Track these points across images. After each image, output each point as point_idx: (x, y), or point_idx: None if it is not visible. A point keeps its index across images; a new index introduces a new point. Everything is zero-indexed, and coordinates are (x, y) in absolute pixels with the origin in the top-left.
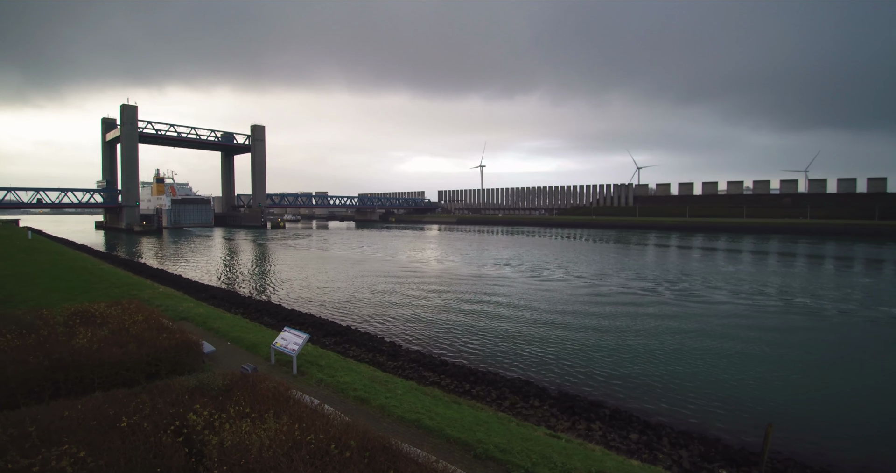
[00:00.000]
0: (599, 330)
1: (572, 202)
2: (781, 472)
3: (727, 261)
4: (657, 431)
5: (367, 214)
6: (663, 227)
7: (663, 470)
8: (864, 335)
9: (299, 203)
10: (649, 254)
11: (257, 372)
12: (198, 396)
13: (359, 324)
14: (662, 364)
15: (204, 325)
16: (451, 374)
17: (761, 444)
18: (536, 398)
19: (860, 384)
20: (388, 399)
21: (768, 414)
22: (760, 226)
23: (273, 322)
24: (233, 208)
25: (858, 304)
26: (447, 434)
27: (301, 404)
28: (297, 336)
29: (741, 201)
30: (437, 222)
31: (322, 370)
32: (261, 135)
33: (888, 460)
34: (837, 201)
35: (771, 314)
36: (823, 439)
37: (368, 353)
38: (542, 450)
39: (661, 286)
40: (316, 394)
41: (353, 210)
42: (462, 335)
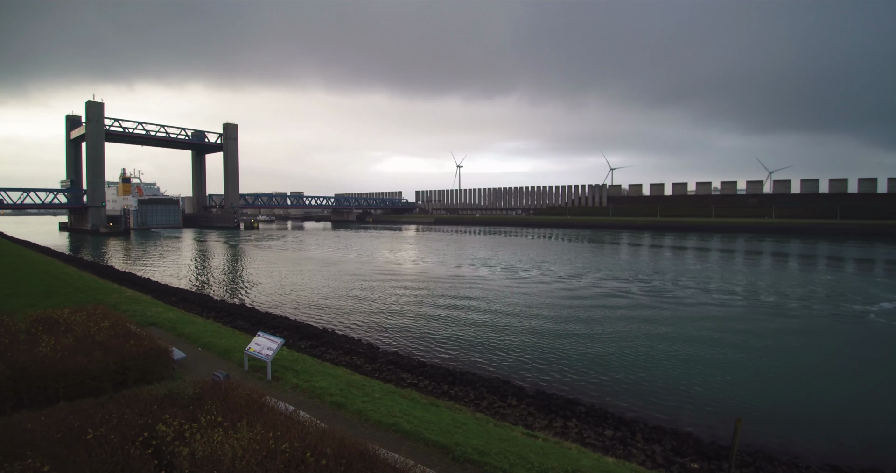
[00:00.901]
0: (574, 329)
1: (548, 203)
2: (751, 464)
3: (696, 260)
4: (631, 427)
5: (343, 214)
6: (636, 227)
7: (637, 466)
8: (827, 331)
9: (274, 203)
10: (622, 253)
11: (230, 379)
12: (167, 405)
13: (335, 326)
14: (635, 361)
15: (174, 330)
16: (430, 375)
17: (731, 438)
18: (514, 397)
19: (825, 378)
20: (366, 404)
21: (737, 409)
22: (728, 225)
23: (247, 326)
24: (204, 208)
25: (822, 301)
26: (425, 438)
27: (276, 411)
28: (271, 341)
29: (710, 201)
30: (414, 223)
31: (297, 375)
32: (233, 133)
33: (852, 450)
34: (801, 201)
35: (738, 311)
36: (790, 432)
37: (345, 355)
38: (520, 450)
39: (633, 285)
40: (291, 400)
41: (330, 211)
42: (440, 336)
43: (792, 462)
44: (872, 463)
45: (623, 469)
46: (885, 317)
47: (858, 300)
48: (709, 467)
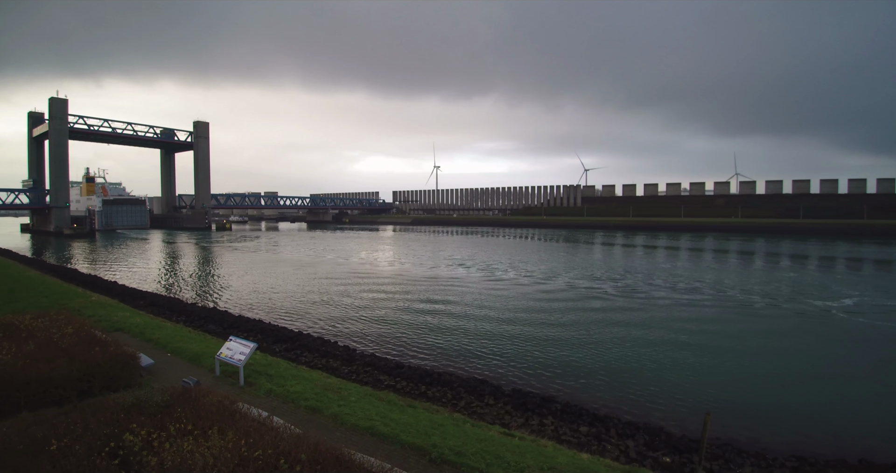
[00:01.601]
0: (550, 328)
1: (524, 203)
2: (720, 457)
3: (667, 259)
4: (605, 423)
5: (319, 214)
6: (609, 226)
7: (611, 462)
8: (792, 327)
9: (247, 204)
10: (596, 252)
11: (200, 386)
12: (135, 414)
13: (311, 329)
14: (609, 359)
15: (142, 336)
16: (407, 377)
17: (701, 432)
18: (491, 396)
19: (789, 373)
20: (342, 407)
21: (706, 403)
22: (696, 225)
23: (219, 330)
24: (174, 208)
25: (786, 298)
26: (402, 440)
27: (248, 417)
28: (243, 345)
29: (679, 201)
30: (391, 223)
31: (271, 379)
32: (204, 132)
33: (816, 441)
34: (765, 202)
35: (706, 309)
36: (757, 424)
37: (321, 358)
38: (497, 450)
39: (606, 285)
40: (265, 406)
41: (305, 211)
42: (418, 337)
43: (759, 454)
44: (836, 454)
45: (598, 465)
46: (847, 313)
47: (821, 297)
48: (680, 460)
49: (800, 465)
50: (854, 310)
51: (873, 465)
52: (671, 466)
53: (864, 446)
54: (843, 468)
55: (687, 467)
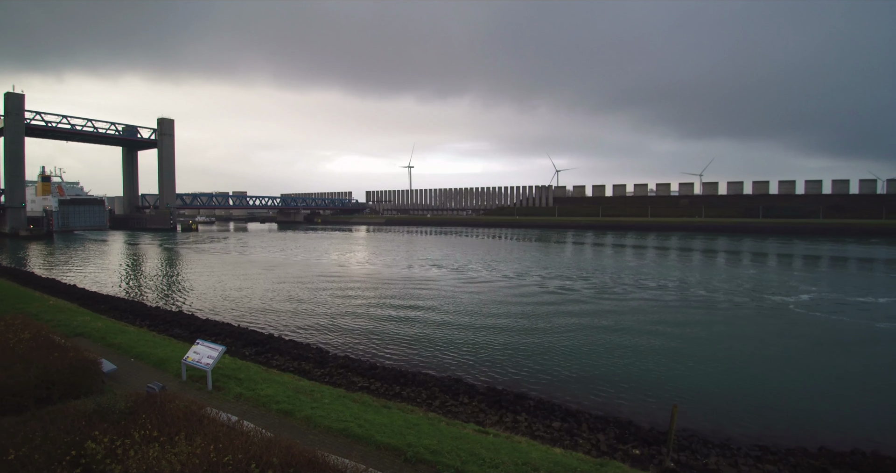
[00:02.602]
0: (523, 327)
1: (498, 203)
2: (687, 448)
3: (634, 257)
4: (577, 418)
5: (290, 215)
6: (579, 226)
7: (583, 455)
8: (753, 322)
9: (214, 204)
10: (567, 252)
11: (166, 391)
12: (97, 421)
13: (283, 331)
14: (580, 356)
15: (103, 341)
16: (382, 378)
17: (668, 424)
18: (466, 395)
19: (751, 365)
20: (315, 410)
21: (673, 396)
22: (662, 224)
23: (185, 334)
24: (137, 209)
25: (747, 294)
26: (377, 441)
27: (217, 422)
28: (211, 349)
29: (646, 201)
30: (365, 223)
31: (241, 383)
32: (169, 129)
33: (778, 431)
34: (727, 202)
35: (672, 305)
36: (722, 415)
37: (293, 361)
38: (471, 447)
39: (576, 283)
40: (234, 410)
41: (276, 211)
42: (392, 338)
43: (724, 444)
44: (796, 443)
45: (570, 458)
46: (804, 308)
47: (779, 293)
48: (649, 452)
49: (762, 454)
50: (810, 305)
51: (831, 452)
52: (641, 458)
53: (822, 435)
54: (803, 455)
55: (656, 458)
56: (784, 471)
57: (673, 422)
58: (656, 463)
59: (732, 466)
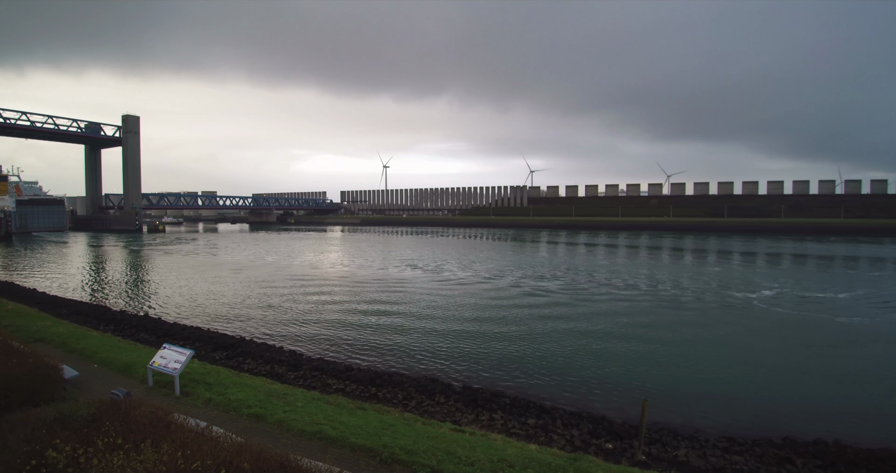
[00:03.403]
0: (498, 326)
1: (473, 203)
2: (658, 441)
3: (606, 256)
4: (552, 414)
5: (262, 215)
6: (553, 226)
7: (558, 451)
8: (718, 318)
9: (182, 204)
10: (541, 251)
11: (131, 397)
12: (58, 429)
13: (255, 335)
14: (554, 353)
15: (65, 346)
16: (357, 379)
17: (640, 418)
18: (442, 394)
19: (718, 360)
20: (287, 413)
21: (644, 391)
22: (632, 224)
23: (152, 339)
24: (100, 209)
25: (713, 291)
26: (351, 443)
27: (185, 428)
28: (179, 353)
29: (617, 202)
30: (339, 224)
31: (210, 388)
32: (134, 126)
33: (744, 423)
34: (694, 202)
35: (641, 302)
36: (691, 409)
37: (266, 365)
38: (447, 447)
39: (550, 283)
40: (203, 416)
41: (247, 212)
42: (368, 339)
43: (693, 437)
44: (762, 434)
45: (545, 454)
46: (766, 303)
47: (744, 289)
48: (621, 446)
49: (730, 445)
50: (773, 301)
51: (795, 442)
52: (613, 452)
53: (786, 425)
54: (768, 446)
55: (628, 452)
56: (751, 461)
57: (644, 416)
58: (628, 457)
59: (701, 457)
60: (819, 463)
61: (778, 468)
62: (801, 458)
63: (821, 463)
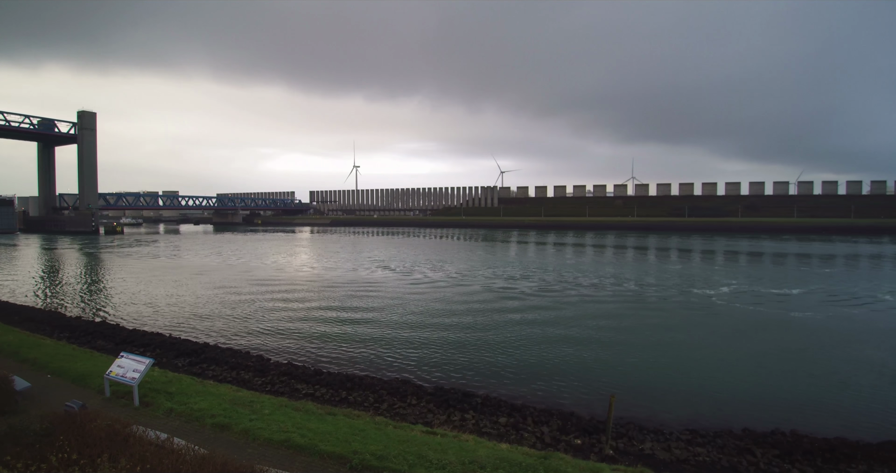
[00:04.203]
0: (469, 326)
1: (444, 203)
2: (624, 435)
3: (574, 255)
4: (522, 412)
5: (227, 216)
6: (523, 226)
7: (528, 449)
8: (680, 315)
9: (142, 204)
10: (511, 251)
11: (87, 409)
12: (9, 444)
13: (219, 340)
14: (524, 351)
15: (16, 356)
16: (327, 383)
17: (607, 413)
18: (414, 396)
19: (680, 355)
20: (254, 422)
21: (611, 387)
22: (599, 223)
23: (109, 346)
24: (54, 210)
25: (675, 288)
26: (320, 450)
27: (144, 441)
28: (137, 362)
29: (584, 202)
30: (309, 224)
31: (172, 397)
32: (90, 123)
33: (705, 416)
34: (656, 202)
35: (607, 300)
36: (656, 403)
37: (231, 371)
38: (419, 450)
39: (520, 283)
40: (164, 427)
41: (211, 212)
42: (338, 342)
43: (658, 430)
44: (722, 425)
45: (516, 453)
46: (725, 299)
47: (703, 286)
48: (590, 441)
49: (693, 437)
50: (731, 297)
51: (754, 433)
52: (582, 447)
53: (745, 417)
54: (729, 437)
55: (596, 447)
56: (712, 452)
57: (611, 412)
58: (597, 452)
59: (666, 450)
60: (777, 453)
61: (738, 458)
62: (760, 448)
63: (779, 453)
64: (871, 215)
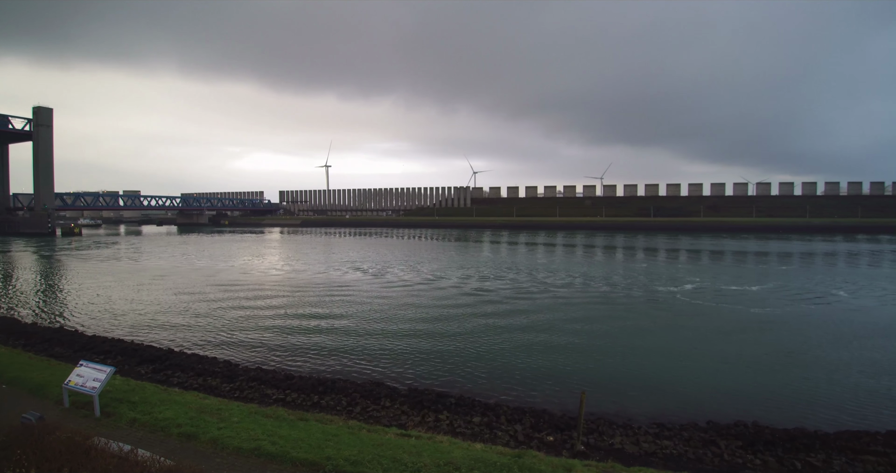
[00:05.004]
0: (443, 326)
1: (417, 203)
2: (595, 431)
3: (544, 255)
4: (496, 411)
5: (192, 216)
6: (496, 226)
7: (502, 447)
8: (646, 311)
9: (101, 204)
10: (484, 251)
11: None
12: None
13: (184, 346)
14: (497, 351)
15: None
16: (298, 388)
17: (578, 410)
18: (388, 398)
19: (647, 350)
20: (222, 430)
21: (582, 383)
22: (569, 223)
23: (68, 354)
24: (7, 210)
25: (641, 286)
26: (292, 457)
27: (107, 453)
28: (98, 370)
29: (555, 202)
30: (279, 225)
31: (135, 407)
32: (46, 119)
33: (671, 409)
34: (624, 203)
35: (577, 299)
36: (624, 398)
37: (198, 378)
38: (393, 453)
39: (492, 282)
40: (128, 438)
41: (176, 213)
42: (309, 346)
43: (627, 425)
44: (688, 418)
45: (490, 453)
46: (688, 296)
47: (667, 284)
48: (562, 438)
49: (660, 430)
50: (694, 295)
51: (717, 425)
52: (554, 444)
53: (709, 410)
54: (694, 430)
55: (568, 443)
56: (679, 445)
57: (582, 408)
58: (568, 448)
59: (635, 444)
60: (740, 444)
61: (703, 450)
62: (724, 440)
63: (741, 444)
64: (825, 215)
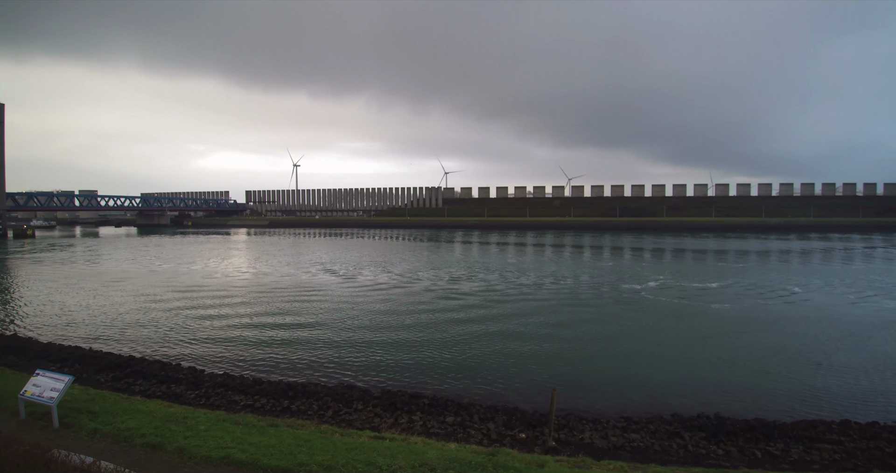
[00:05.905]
0: (415, 328)
1: (389, 204)
2: (566, 426)
3: (515, 254)
4: (469, 410)
5: (153, 217)
6: (467, 226)
7: (476, 446)
8: (612, 308)
9: (55, 205)
10: (456, 251)
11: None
12: None
13: (146, 352)
14: (469, 350)
15: None
16: (267, 393)
17: (549, 406)
18: (360, 401)
19: (613, 347)
20: (189, 439)
21: (553, 380)
22: (538, 223)
23: (22, 363)
24: None
25: (607, 284)
26: (263, 465)
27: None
28: (55, 380)
29: (525, 203)
30: (245, 226)
31: (96, 417)
32: None
33: (638, 403)
34: (591, 203)
35: (546, 297)
36: (593, 393)
37: (161, 385)
38: (367, 457)
39: (463, 283)
40: (89, 450)
41: (135, 213)
42: (278, 350)
43: (596, 420)
44: (654, 411)
45: (464, 452)
46: (652, 293)
47: (632, 282)
48: (534, 434)
49: (627, 424)
50: (658, 292)
51: (682, 417)
52: (527, 441)
53: (673, 403)
54: (660, 422)
55: (540, 439)
56: (646, 438)
57: (553, 405)
58: (540, 444)
59: (604, 438)
60: (703, 435)
61: (669, 442)
62: (689, 431)
63: (705, 435)
64: (779, 215)
